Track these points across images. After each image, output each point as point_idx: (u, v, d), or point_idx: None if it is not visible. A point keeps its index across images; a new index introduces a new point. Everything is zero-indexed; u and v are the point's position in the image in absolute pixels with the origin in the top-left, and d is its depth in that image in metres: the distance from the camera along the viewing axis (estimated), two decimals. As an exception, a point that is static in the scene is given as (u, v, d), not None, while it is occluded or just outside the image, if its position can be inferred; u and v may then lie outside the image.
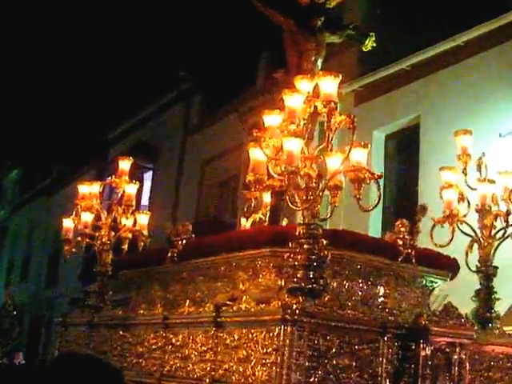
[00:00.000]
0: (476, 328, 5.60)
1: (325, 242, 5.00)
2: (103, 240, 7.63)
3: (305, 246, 4.99)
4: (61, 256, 22.66)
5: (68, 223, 7.69)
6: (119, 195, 7.76)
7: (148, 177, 20.48)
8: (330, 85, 5.09)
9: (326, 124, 5.06)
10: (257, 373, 4.81)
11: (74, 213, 7.67)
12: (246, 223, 8.34)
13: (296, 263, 4.97)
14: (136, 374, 6.11)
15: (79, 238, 7.54)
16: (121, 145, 21.79)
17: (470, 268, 6.29)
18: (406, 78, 12.53)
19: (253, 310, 4.93)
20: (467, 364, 5.32)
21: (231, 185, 15.93)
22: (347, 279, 5.56)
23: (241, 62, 15.75)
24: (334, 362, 4.80)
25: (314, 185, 4.99)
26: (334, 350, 4.80)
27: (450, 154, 9.87)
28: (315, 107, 5.28)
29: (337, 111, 5.04)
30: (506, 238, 6.09)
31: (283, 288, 5.47)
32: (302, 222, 5.05)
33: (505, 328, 6.07)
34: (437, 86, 11.84)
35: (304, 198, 5.03)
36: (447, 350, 5.24)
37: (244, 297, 5.13)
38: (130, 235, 7.82)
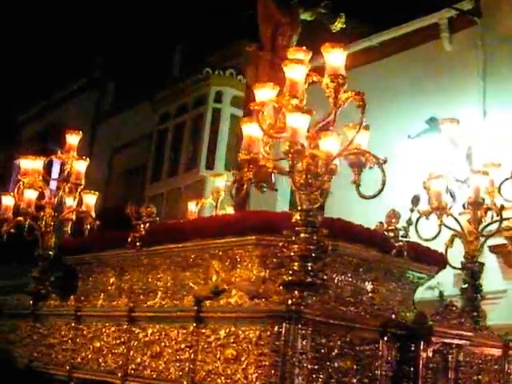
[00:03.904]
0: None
1: (325, 231, 4.50)
2: (47, 221, 6.90)
3: (302, 235, 4.48)
4: None
5: (8, 200, 6.90)
6: (66, 172, 7.06)
7: (58, 161, 19.66)
8: (337, 57, 4.59)
9: (332, 100, 4.55)
10: (249, 376, 4.26)
11: (15, 189, 6.89)
12: (194, 208, 7.81)
13: (292, 254, 4.45)
14: (93, 371, 5.48)
15: (21, 218, 6.77)
16: (31, 128, 21.02)
17: (451, 265, 5.96)
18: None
19: (247, 304, 4.37)
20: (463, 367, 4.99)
21: (139, 173, 15.58)
22: (337, 272, 5.09)
23: (156, 51, 15.32)
24: (336, 364, 4.32)
25: (315, 167, 4.49)
26: (336, 351, 4.32)
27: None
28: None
29: (345, 87, 4.55)
30: (495, 233, 5.78)
31: (267, 280, 4.98)
32: (299, 208, 4.53)
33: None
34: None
35: (303, 181, 4.53)
36: (444, 351, 4.87)
37: (233, 290, 4.56)
38: (73, 216, 7.14)
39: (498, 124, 9.05)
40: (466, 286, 5.80)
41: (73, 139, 7.12)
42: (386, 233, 5.37)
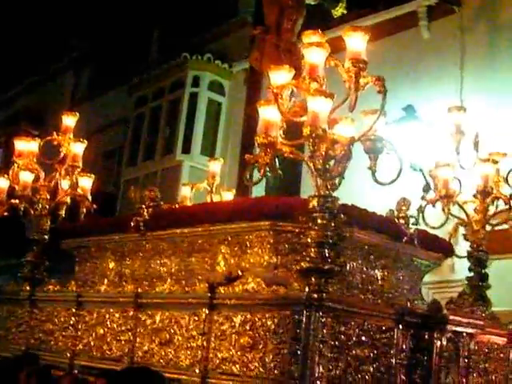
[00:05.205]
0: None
1: (343, 217, 4.43)
2: (42, 204, 6.74)
3: (319, 221, 4.40)
4: None
5: (2, 183, 6.72)
6: (61, 154, 6.90)
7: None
8: (358, 42, 4.50)
9: (351, 85, 4.47)
10: (267, 364, 4.19)
11: (10, 171, 6.72)
12: (189, 193, 7.69)
13: (309, 240, 4.37)
14: (97, 358, 5.36)
15: (16, 201, 6.60)
16: (5, 110, 20.64)
17: (456, 254, 5.96)
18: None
19: (265, 291, 4.29)
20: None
21: (115, 156, 15.54)
22: (349, 259, 5.03)
23: (134, 35, 15.16)
24: (354, 352, 4.27)
25: (335, 152, 4.42)
26: (354, 339, 4.27)
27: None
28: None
29: (365, 71, 4.47)
30: (503, 222, 5.77)
31: (279, 267, 4.92)
32: (316, 194, 4.45)
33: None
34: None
35: (320, 166, 4.44)
36: (456, 339, 4.85)
37: (249, 277, 4.47)
38: (68, 200, 6.98)
39: (474, 113, 9.02)
40: (472, 274, 5.78)
41: (69, 121, 6.96)
42: (396, 220, 5.34)
